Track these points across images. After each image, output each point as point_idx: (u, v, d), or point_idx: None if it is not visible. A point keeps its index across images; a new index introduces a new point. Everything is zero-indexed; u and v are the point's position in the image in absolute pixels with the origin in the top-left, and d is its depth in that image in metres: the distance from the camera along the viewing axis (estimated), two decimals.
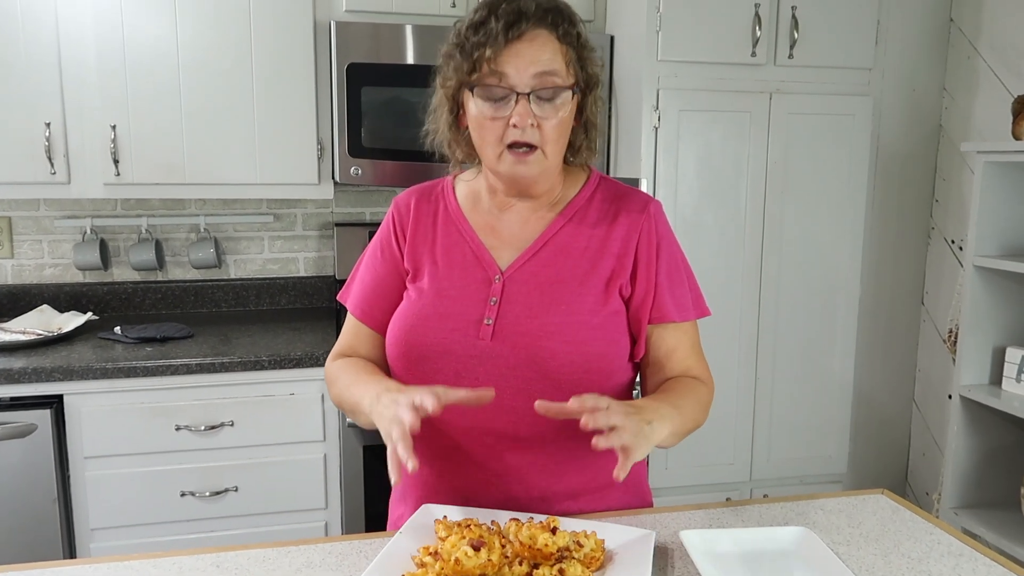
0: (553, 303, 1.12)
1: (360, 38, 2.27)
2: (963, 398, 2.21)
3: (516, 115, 1.05)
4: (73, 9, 2.14)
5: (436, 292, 1.15)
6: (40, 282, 2.55)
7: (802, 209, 2.39)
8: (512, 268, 1.15)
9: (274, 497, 2.14)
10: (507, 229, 1.18)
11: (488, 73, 1.05)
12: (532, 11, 1.05)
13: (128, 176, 2.23)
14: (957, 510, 2.24)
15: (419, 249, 1.20)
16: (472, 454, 1.14)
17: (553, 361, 1.10)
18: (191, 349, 2.15)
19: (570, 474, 1.16)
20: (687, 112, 2.27)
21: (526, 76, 1.05)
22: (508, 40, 1.04)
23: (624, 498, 1.22)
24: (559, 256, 1.15)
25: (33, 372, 1.96)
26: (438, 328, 1.13)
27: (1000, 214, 2.15)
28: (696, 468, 2.42)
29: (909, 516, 1.19)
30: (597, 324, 1.13)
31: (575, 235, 1.17)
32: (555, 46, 1.06)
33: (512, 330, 1.11)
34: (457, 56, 1.08)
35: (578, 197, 1.20)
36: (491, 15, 1.05)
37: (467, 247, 1.18)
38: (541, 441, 1.13)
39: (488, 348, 1.11)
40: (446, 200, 1.23)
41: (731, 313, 2.39)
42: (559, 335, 1.10)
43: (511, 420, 1.12)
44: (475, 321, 1.12)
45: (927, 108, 2.59)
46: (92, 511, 2.04)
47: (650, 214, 1.19)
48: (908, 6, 2.50)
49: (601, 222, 1.18)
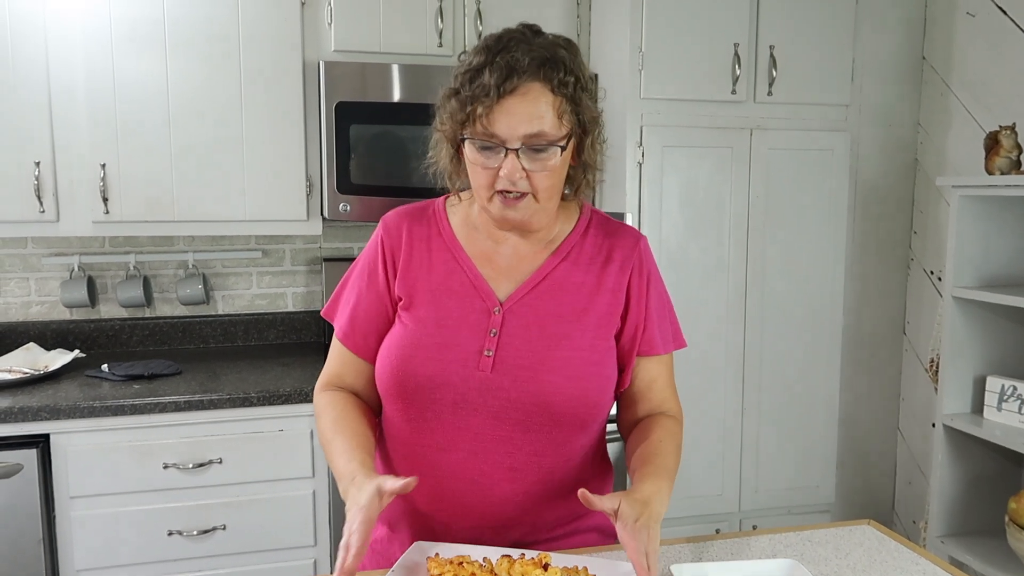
0: (553, 338, 1.14)
1: (348, 77, 2.31)
2: (946, 427, 2.24)
3: (505, 168, 1.06)
4: (63, 49, 2.16)
5: (435, 321, 1.15)
6: (27, 320, 2.54)
7: (784, 242, 2.43)
8: (511, 300, 1.16)
9: (263, 535, 2.13)
10: (504, 261, 1.18)
11: (480, 130, 1.06)
12: (525, 65, 1.04)
13: (117, 214, 2.24)
14: (944, 538, 2.26)
15: (413, 275, 1.18)
16: (466, 483, 1.15)
17: (556, 396, 1.12)
18: (179, 386, 2.15)
19: (563, 504, 1.18)
20: (670, 148, 2.32)
21: (516, 134, 1.05)
22: (500, 95, 1.04)
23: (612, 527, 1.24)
24: (557, 291, 1.17)
25: (19, 411, 1.95)
26: (437, 358, 1.13)
27: (976, 246, 2.20)
28: (685, 500, 2.43)
29: (895, 546, 1.21)
30: (595, 360, 1.15)
31: (572, 270, 1.18)
32: (548, 99, 1.06)
33: (513, 363, 1.12)
34: (453, 103, 1.09)
35: (572, 234, 1.21)
36: (486, 65, 1.05)
37: (464, 276, 1.17)
38: (536, 471, 1.15)
39: (488, 380, 1.12)
40: (440, 225, 1.21)
41: (716, 345, 2.41)
42: (562, 370, 1.12)
43: (507, 451, 1.13)
44: (475, 352, 1.13)
45: (903, 143, 2.65)
46: (78, 552, 2.02)
47: (640, 251, 1.21)
48: (882, 45, 2.58)
49: (596, 258, 1.19)
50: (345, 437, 1.13)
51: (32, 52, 2.15)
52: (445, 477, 1.15)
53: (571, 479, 1.18)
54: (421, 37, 2.39)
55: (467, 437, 1.13)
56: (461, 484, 1.15)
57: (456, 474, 1.15)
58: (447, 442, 1.14)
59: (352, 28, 2.34)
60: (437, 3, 2.37)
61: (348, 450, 1.10)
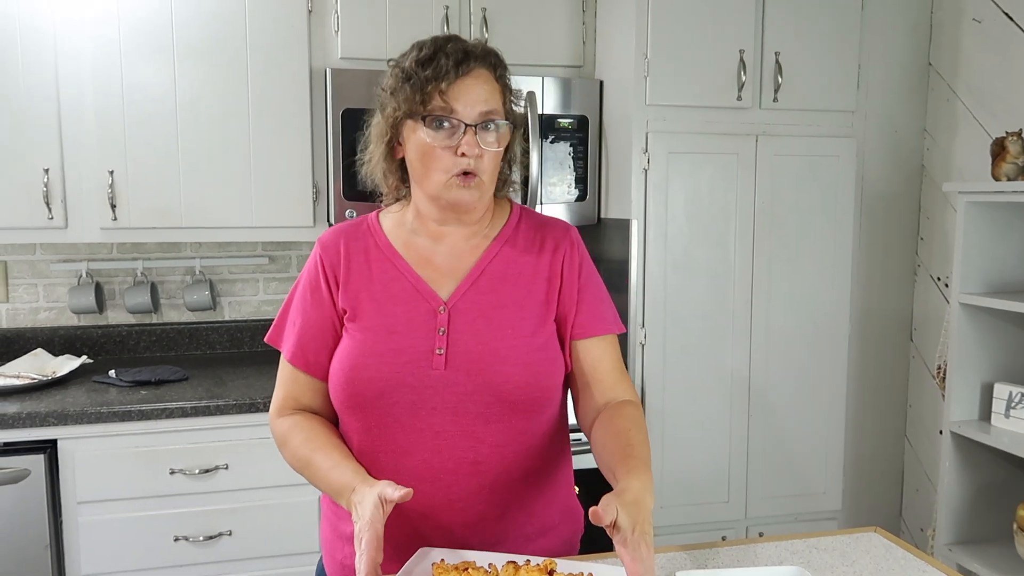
0: (499, 328, 1.18)
1: (354, 84, 2.32)
2: (953, 434, 2.23)
3: (464, 144, 1.13)
4: (72, 57, 2.18)
5: (384, 328, 1.18)
6: (35, 326, 2.55)
7: (790, 248, 2.43)
8: (455, 297, 1.19)
9: (269, 541, 2.13)
10: (442, 260, 1.22)
11: (439, 105, 1.13)
12: (477, 52, 1.16)
13: (125, 220, 2.26)
14: (951, 546, 2.25)
15: (354, 288, 1.21)
16: (434, 479, 1.16)
17: (508, 384, 1.16)
18: (186, 392, 2.16)
19: (522, 491, 1.21)
20: (676, 154, 2.32)
21: (473, 111, 1.14)
22: (458, 75, 1.13)
23: (559, 512, 1.29)
24: (497, 283, 1.21)
25: (27, 417, 1.96)
26: (391, 362, 1.16)
27: (983, 252, 2.19)
28: (691, 507, 2.42)
29: (902, 554, 1.20)
30: (540, 345, 1.19)
31: (509, 261, 1.23)
32: (494, 85, 1.17)
33: (464, 357, 1.16)
34: (407, 88, 1.15)
35: (507, 226, 1.27)
36: (439, 52, 1.14)
37: (405, 281, 1.21)
38: (499, 462, 1.18)
39: (442, 377, 1.15)
40: (375, 237, 1.25)
41: (722, 351, 2.41)
42: (511, 359, 1.16)
43: (470, 445, 1.16)
44: (426, 352, 1.16)
45: (909, 149, 2.65)
46: (84, 557, 2.02)
47: (572, 239, 1.27)
48: (888, 51, 2.57)
49: (530, 248, 1.25)
50: (326, 452, 1.16)
51: (42, 61, 2.17)
52: (409, 480, 1.15)
53: (533, 468, 1.22)
54: None
55: (428, 436, 1.16)
56: (425, 485, 1.16)
57: (420, 476, 1.16)
58: (408, 444, 1.17)
59: (358, 36, 2.36)
60: (443, 11, 2.38)
61: (335, 463, 1.14)
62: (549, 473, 1.26)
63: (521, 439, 1.19)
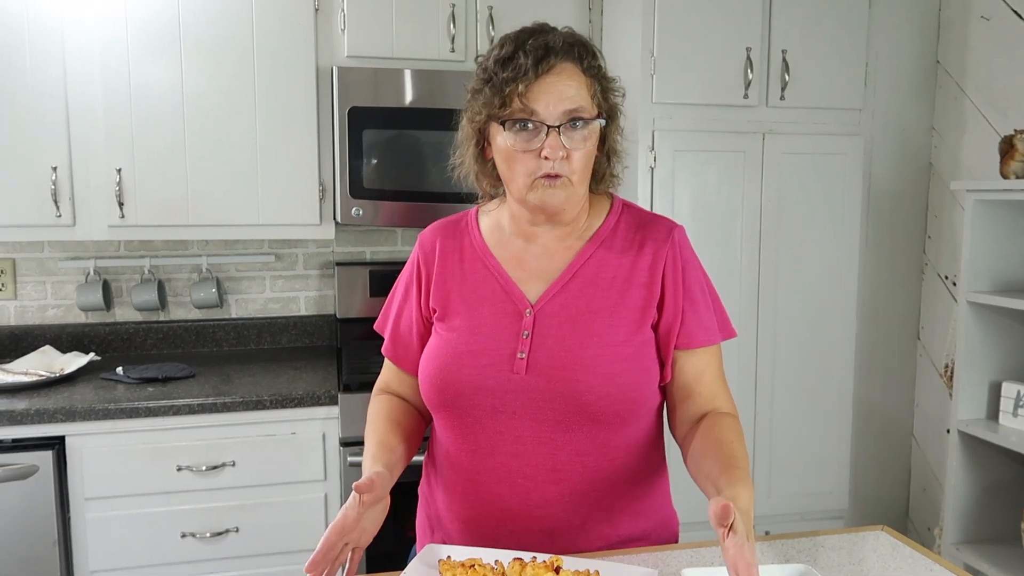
0: (585, 335, 1.14)
1: (361, 83, 2.32)
2: (961, 433, 2.22)
3: (547, 147, 1.08)
4: (80, 57, 2.19)
5: (469, 330, 1.17)
6: (43, 323, 2.57)
7: (797, 246, 2.42)
8: (542, 300, 1.17)
9: (275, 537, 2.14)
10: (534, 261, 1.20)
11: (519, 108, 1.08)
12: (559, 46, 1.09)
13: (132, 218, 2.26)
14: (959, 545, 2.24)
15: (446, 287, 1.22)
16: (512, 483, 1.15)
17: (589, 395, 1.12)
18: (192, 389, 2.16)
19: (605, 501, 1.18)
20: (682, 152, 2.32)
21: (556, 110, 1.08)
22: (538, 75, 1.07)
23: (651, 523, 1.25)
24: (588, 287, 1.17)
25: (35, 413, 1.97)
26: (472, 365, 1.15)
27: (991, 251, 2.18)
28: (700, 505, 2.41)
29: (909, 552, 1.20)
30: (629, 355, 1.15)
31: (603, 264, 1.18)
32: (581, 79, 1.10)
33: (546, 363, 1.13)
34: (487, 91, 1.11)
35: (604, 225, 1.21)
36: (518, 50, 1.09)
37: (495, 282, 1.19)
38: (580, 471, 1.15)
39: (523, 382, 1.13)
40: (471, 235, 1.24)
41: (729, 350, 2.39)
42: (594, 368, 1.12)
43: (548, 452, 1.14)
44: (508, 356, 1.14)
45: (917, 147, 2.64)
46: (92, 553, 2.03)
47: (675, 240, 1.20)
48: (896, 49, 2.57)
49: (628, 250, 1.19)
50: (370, 442, 1.19)
51: (50, 60, 2.18)
52: (487, 482, 1.16)
53: (618, 478, 1.18)
54: (433, 43, 2.40)
55: (508, 440, 1.14)
56: (503, 488, 1.16)
57: (499, 478, 1.16)
58: (489, 447, 1.16)
59: (365, 34, 2.36)
60: (449, 9, 2.38)
61: (369, 455, 1.16)
62: (637, 483, 1.21)
63: (604, 449, 1.15)
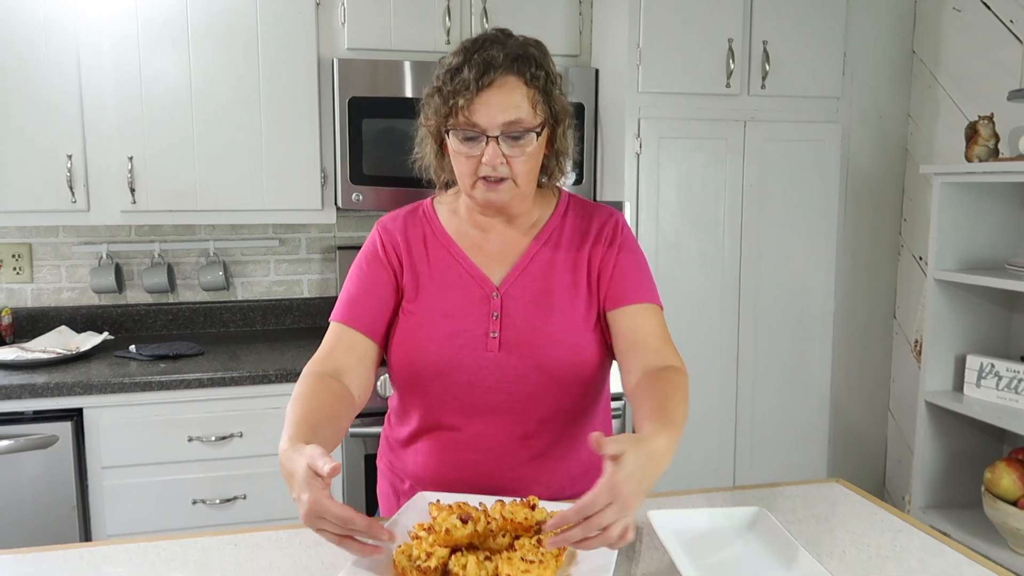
0: (549, 313, 1.25)
1: (361, 74, 2.43)
2: (928, 404, 2.34)
3: (487, 155, 1.17)
4: (93, 49, 2.30)
5: (441, 313, 1.26)
6: (58, 305, 2.69)
7: (778, 229, 2.53)
8: (506, 283, 1.27)
9: (280, 504, 2.26)
10: (493, 248, 1.30)
11: (463, 120, 1.16)
12: (500, 60, 1.15)
13: (143, 204, 2.38)
14: (925, 509, 2.37)
15: (415, 270, 1.29)
16: (482, 452, 1.28)
17: (559, 368, 1.24)
18: (202, 365, 2.28)
19: (567, 463, 1.31)
20: (667, 139, 2.43)
21: (495, 122, 1.16)
22: (479, 89, 1.15)
23: None
24: (546, 269, 1.28)
25: (55, 387, 2.09)
26: (448, 346, 1.25)
27: (958, 231, 2.30)
28: (680, 475, 2.54)
29: (858, 499, 1.32)
30: (590, 327, 1.27)
31: (556, 247, 1.30)
32: (522, 90, 1.17)
33: (517, 340, 1.24)
34: (437, 99, 1.20)
35: (553, 218, 1.32)
36: (464, 63, 1.16)
37: (460, 267, 1.29)
38: (547, 435, 1.28)
39: (496, 359, 1.24)
40: (431, 224, 1.33)
41: (712, 329, 2.52)
42: (562, 343, 1.24)
43: (519, 420, 1.27)
44: (481, 336, 1.24)
45: (893, 134, 2.74)
46: (109, 518, 2.16)
47: (614, 223, 1.32)
48: (873, 39, 2.67)
49: (575, 239, 1.30)
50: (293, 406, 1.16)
51: (65, 56, 2.29)
52: (461, 449, 1.28)
53: (579, 442, 1.32)
54: (430, 35, 2.51)
55: (483, 412, 1.26)
56: (477, 455, 1.27)
57: (472, 445, 1.27)
58: (465, 419, 1.27)
59: (364, 27, 2.47)
60: (445, 2, 2.49)
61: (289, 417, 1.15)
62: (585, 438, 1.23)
63: (566, 414, 1.28)
